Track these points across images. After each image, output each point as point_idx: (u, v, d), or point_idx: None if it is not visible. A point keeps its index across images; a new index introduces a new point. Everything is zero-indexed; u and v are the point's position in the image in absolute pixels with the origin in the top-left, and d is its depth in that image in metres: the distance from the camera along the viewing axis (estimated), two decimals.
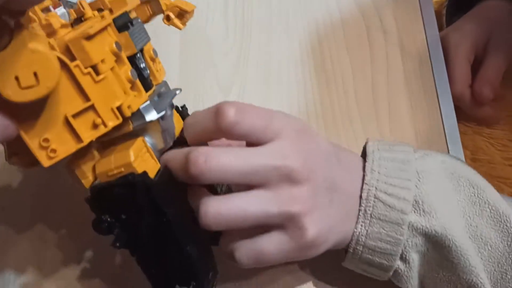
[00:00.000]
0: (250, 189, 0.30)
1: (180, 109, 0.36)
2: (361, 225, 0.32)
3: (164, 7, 0.35)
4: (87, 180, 0.30)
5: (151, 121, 0.30)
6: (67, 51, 0.26)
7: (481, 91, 0.53)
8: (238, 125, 0.29)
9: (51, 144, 0.26)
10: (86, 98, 0.26)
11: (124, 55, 0.28)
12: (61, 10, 0.28)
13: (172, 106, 0.32)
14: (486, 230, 0.32)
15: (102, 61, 0.27)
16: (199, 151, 0.29)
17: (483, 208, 0.32)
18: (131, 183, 0.28)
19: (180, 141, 0.34)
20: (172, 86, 0.34)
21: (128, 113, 0.28)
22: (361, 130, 0.46)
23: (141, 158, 0.30)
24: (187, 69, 0.50)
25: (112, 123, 0.27)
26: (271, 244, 0.30)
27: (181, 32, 0.50)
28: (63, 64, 0.25)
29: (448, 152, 0.44)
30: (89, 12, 0.31)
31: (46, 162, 0.26)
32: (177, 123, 0.34)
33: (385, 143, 0.35)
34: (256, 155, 0.30)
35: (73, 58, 0.26)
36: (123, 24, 0.28)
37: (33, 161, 0.30)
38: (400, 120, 0.46)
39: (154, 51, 0.32)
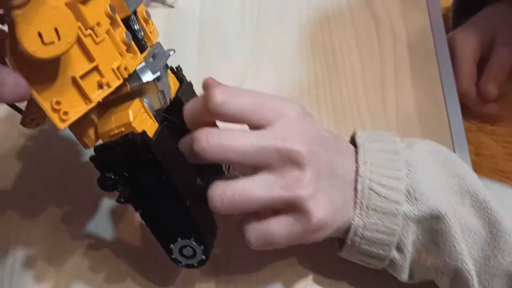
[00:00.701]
0: (256, 173, 0.31)
1: (175, 70, 0.37)
2: (358, 217, 0.33)
3: None
4: (90, 139, 0.32)
5: (147, 82, 0.31)
6: None
7: (487, 88, 0.54)
8: (225, 106, 0.30)
9: (63, 106, 0.27)
10: (91, 58, 0.27)
11: (118, 17, 0.29)
12: None
13: (166, 67, 0.33)
14: (469, 217, 0.33)
15: (98, 24, 0.28)
16: (202, 130, 0.30)
17: (464, 197, 0.34)
18: (131, 142, 0.29)
19: (176, 102, 0.35)
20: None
21: (125, 74, 0.29)
22: (369, 121, 0.47)
23: (140, 118, 0.31)
24: (205, 61, 0.52)
25: (114, 83, 0.29)
26: (279, 227, 0.31)
27: (200, 26, 0.53)
28: None
29: (453, 146, 0.45)
30: None
31: (60, 125, 0.27)
32: (172, 84, 0.36)
33: (372, 133, 0.36)
34: (256, 136, 0.31)
35: None
36: None
37: (38, 123, 0.32)
38: (407, 115, 0.47)
39: (147, 13, 0.33)
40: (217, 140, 0.30)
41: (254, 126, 0.32)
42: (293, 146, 0.30)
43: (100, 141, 0.31)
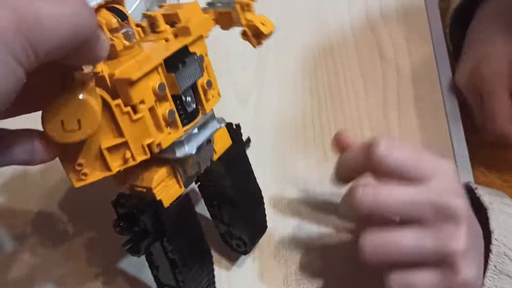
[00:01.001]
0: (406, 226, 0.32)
1: (234, 127, 0.36)
2: (490, 280, 0.33)
3: (243, 22, 0.34)
4: (120, 181, 0.33)
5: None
6: (113, 86, 0.27)
7: None
8: (389, 158, 0.32)
9: (84, 168, 0.28)
10: (121, 135, 0.28)
11: (168, 93, 0.29)
12: (125, 30, 0.29)
13: (210, 140, 0.32)
14: None
15: (141, 101, 0.28)
16: (359, 183, 0.32)
17: None
18: (144, 208, 0.31)
19: (215, 166, 0.35)
20: None
21: (155, 150, 0.29)
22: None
23: (165, 183, 0.32)
24: None
25: (140, 158, 0.29)
26: (423, 280, 0.32)
27: None
28: (105, 103, 0.27)
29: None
30: (162, 25, 0.31)
31: (76, 183, 0.28)
32: (224, 142, 0.35)
33: (490, 192, 0.36)
34: (413, 190, 0.32)
35: (116, 94, 0.27)
36: (172, 66, 0.28)
37: None
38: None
39: (209, 82, 0.32)
40: (373, 191, 0.31)
41: (411, 180, 0.32)
42: (451, 201, 0.31)
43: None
